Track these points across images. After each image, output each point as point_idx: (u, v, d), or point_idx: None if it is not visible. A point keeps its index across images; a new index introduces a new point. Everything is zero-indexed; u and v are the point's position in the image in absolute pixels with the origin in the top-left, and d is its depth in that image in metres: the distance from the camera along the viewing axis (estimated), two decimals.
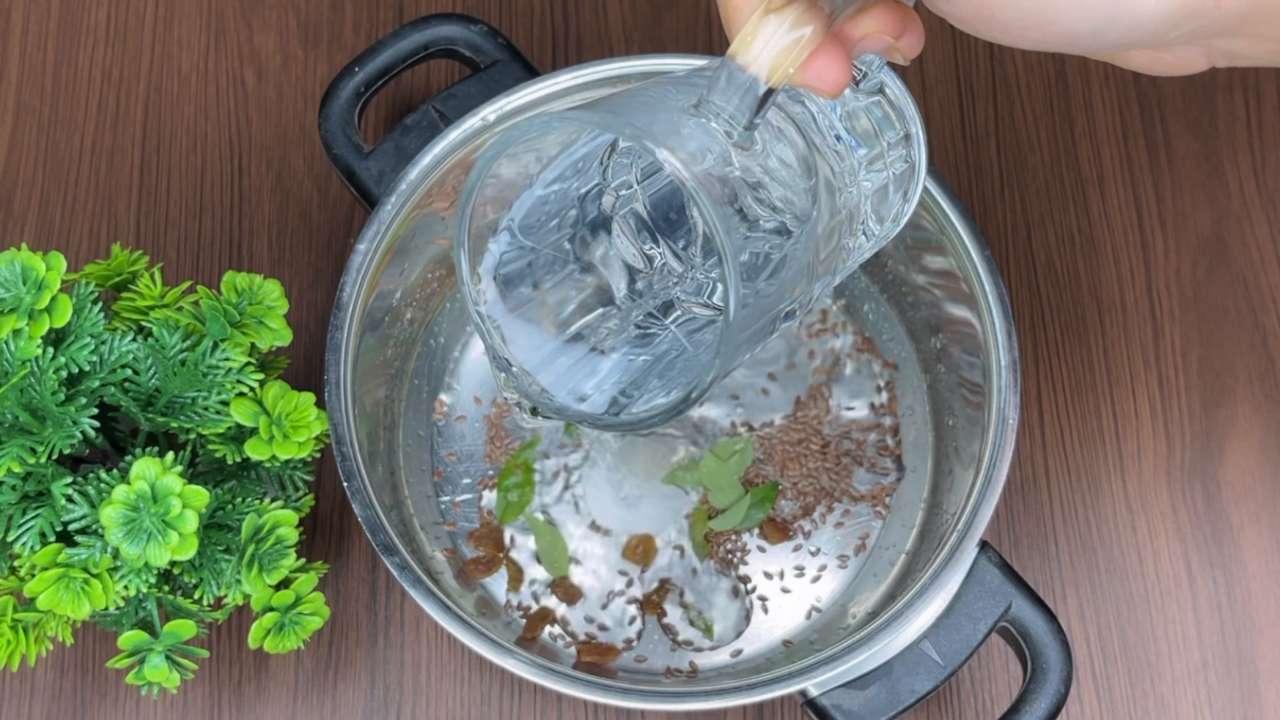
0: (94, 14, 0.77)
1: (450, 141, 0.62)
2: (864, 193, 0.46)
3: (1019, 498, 0.68)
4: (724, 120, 0.39)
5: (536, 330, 0.47)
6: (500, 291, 0.46)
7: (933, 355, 0.66)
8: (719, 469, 0.67)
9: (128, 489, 0.52)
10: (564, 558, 0.66)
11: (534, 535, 0.66)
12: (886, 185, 0.47)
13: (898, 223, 0.48)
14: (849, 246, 0.45)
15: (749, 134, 0.40)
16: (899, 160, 0.47)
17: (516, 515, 0.66)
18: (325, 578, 0.66)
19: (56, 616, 0.57)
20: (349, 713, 0.65)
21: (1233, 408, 0.70)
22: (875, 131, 0.46)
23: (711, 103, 0.39)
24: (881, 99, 0.47)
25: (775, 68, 0.38)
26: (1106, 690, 0.65)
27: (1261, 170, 0.73)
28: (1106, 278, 0.72)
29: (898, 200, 0.48)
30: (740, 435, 0.67)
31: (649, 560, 0.65)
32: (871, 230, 0.47)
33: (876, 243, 0.48)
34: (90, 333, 0.55)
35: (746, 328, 0.40)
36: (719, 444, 0.67)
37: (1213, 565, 0.67)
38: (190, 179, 0.74)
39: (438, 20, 0.65)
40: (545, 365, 0.46)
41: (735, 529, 0.66)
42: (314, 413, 0.57)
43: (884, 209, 0.47)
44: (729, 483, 0.67)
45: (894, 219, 0.48)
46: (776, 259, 0.41)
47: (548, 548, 0.66)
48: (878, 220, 0.47)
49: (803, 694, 0.56)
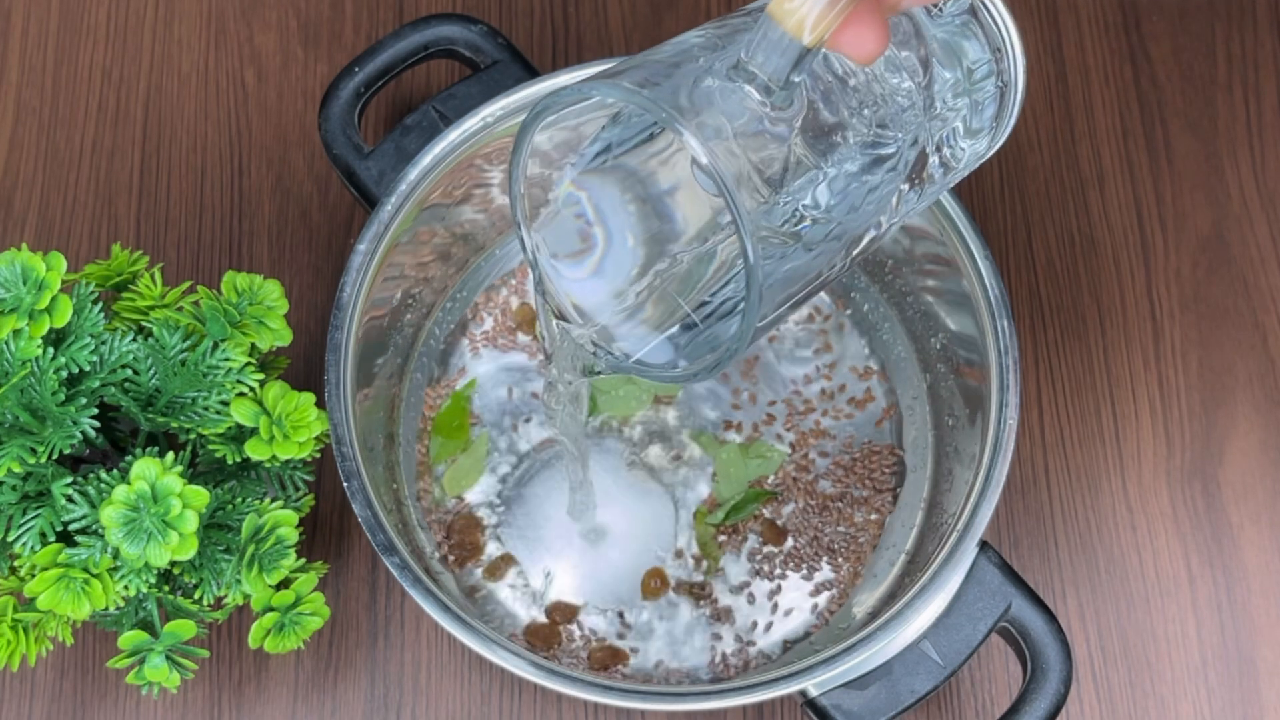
0: (94, 14, 0.77)
1: (450, 141, 0.62)
2: (947, 118, 0.45)
3: (1019, 498, 0.68)
4: (760, 84, 0.39)
5: (595, 278, 0.46)
6: (557, 239, 0.45)
7: (933, 355, 0.66)
8: (737, 463, 0.67)
9: (128, 489, 0.52)
10: (470, 480, 0.66)
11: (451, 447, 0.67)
12: (980, 106, 0.46)
13: (994, 145, 0.47)
14: (930, 178, 0.44)
15: (787, 94, 0.39)
16: (989, 79, 0.46)
17: (449, 454, 0.67)
18: (325, 578, 0.66)
19: (56, 616, 0.57)
20: (349, 713, 0.65)
21: (1233, 408, 0.70)
22: (957, 56, 0.45)
23: (748, 67, 0.39)
24: (972, 18, 0.45)
25: (815, 25, 0.37)
26: (1106, 690, 0.65)
27: (1261, 170, 0.73)
28: (1106, 278, 0.72)
29: (991, 121, 0.46)
30: (779, 450, 0.67)
31: (663, 593, 0.65)
32: (960, 154, 0.46)
33: (968, 166, 0.47)
34: (90, 333, 0.55)
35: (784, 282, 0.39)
36: (757, 443, 0.67)
37: (1213, 565, 0.67)
38: (190, 179, 0.74)
39: (438, 20, 0.65)
40: (602, 313, 0.46)
41: (724, 523, 0.66)
42: (314, 413, 0.57)
43: (976, 133, 0.46)
44: (739, 479, 0.67)
45: (991, 140, 0.47)
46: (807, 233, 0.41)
47: (466, 467, 0.67)
48: (969, 137, 0.46)
49: (803, 694, 0.56)
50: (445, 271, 0.68)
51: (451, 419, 0.68)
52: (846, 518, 0.66)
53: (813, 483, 0.67)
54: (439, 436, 0.68)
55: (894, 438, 0.68)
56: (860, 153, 0.42)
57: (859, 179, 0.42)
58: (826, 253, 0.42)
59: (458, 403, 0.68)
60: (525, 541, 0.66)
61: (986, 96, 0.46)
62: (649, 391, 0.68)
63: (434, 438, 0.68)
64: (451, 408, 0.68)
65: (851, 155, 0.42)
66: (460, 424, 0.68)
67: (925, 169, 0.45)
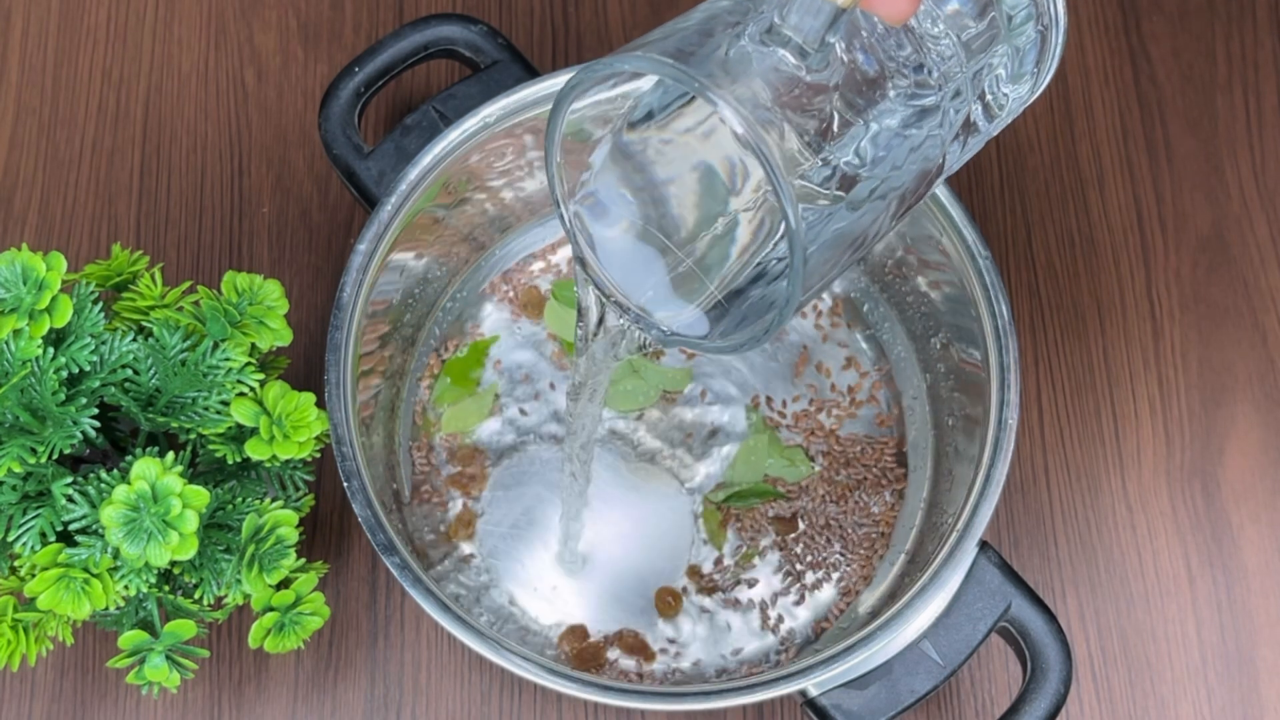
0: (94, 14, 0.77)
1: (450, 141, 0.62)
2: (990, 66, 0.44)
3: (1019, 498, 0.68)
4: (795, 46, 0.39)
5: (635, 250, 0.46)
6: (596, 212, 0.45)
7: (933, 355, 0.66)
8: (761, 454, 0.67)
9: (128, 489, 0.52)
10: (472, 422, 0.67)
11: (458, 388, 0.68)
12: (1021, 51, 0.45)
13: (1037, 88, 0.46)
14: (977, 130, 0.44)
15: (822, 56, 0.39)
16: (1028, 24, 0.45)
17: (453, 399, 0.68)
18: (325, 578, 0.66)
19: (57, 616, 0.57)
20: (349, 713, 0.65)
21: (1232, 408, 0.70)
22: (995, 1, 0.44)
23: (782, 31, 0.39)
24: None
25: None
26: (1106, 690, 0.65)
27: (1261, 170, 0.73)
28: (1106, 278, 0.72)
29: (1033, 65, 0.46)
30: (808, 465, 0.67)
31: (677, 611, 0.65)
32: (1003, 100, 0.45)
33: (1012, 112, 0.46)
34: (90, 333, 0.55)
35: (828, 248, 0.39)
36: (792, 448, 0.67)
37: (1212, 565, 0.67)
38: (190, 179, 0.74)
39: (438, 20, 0.65)
40: (644, 286, 0.45)
41: (724, 504, 0.66)
42: (314, 413, 0.57)
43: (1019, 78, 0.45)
44: (756, 469, 0.67)
45: (1034, 84, 0.46)
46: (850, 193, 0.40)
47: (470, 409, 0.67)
48: (1013, 82, 0.45)
49: (802, 694, 0.56)
50: (446, 270, 0.68)
51: (466, 366, 0.68)
52: (861, 507, 0.66)
53: (821, 481, 0.67)
54: (447, 378, 0.68)
55: (895, 437, 0.68)
56: (902, 106, 0.41)
57: (902, 134, 0.42)
58: (872, 211, 0.42)
59: (476, 351, 0.68)
60: (512, 564, 0.66)
61: (1028, 41, 0.45)
62: (656, 388, 0.68)
63: (442, 378, 0.68)
64: (469, 356, 0.69)
65: (893, 110, 0.41)
66: (472, 373, 0.68)
67: (970, 118, 0.45)
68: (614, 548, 0.66)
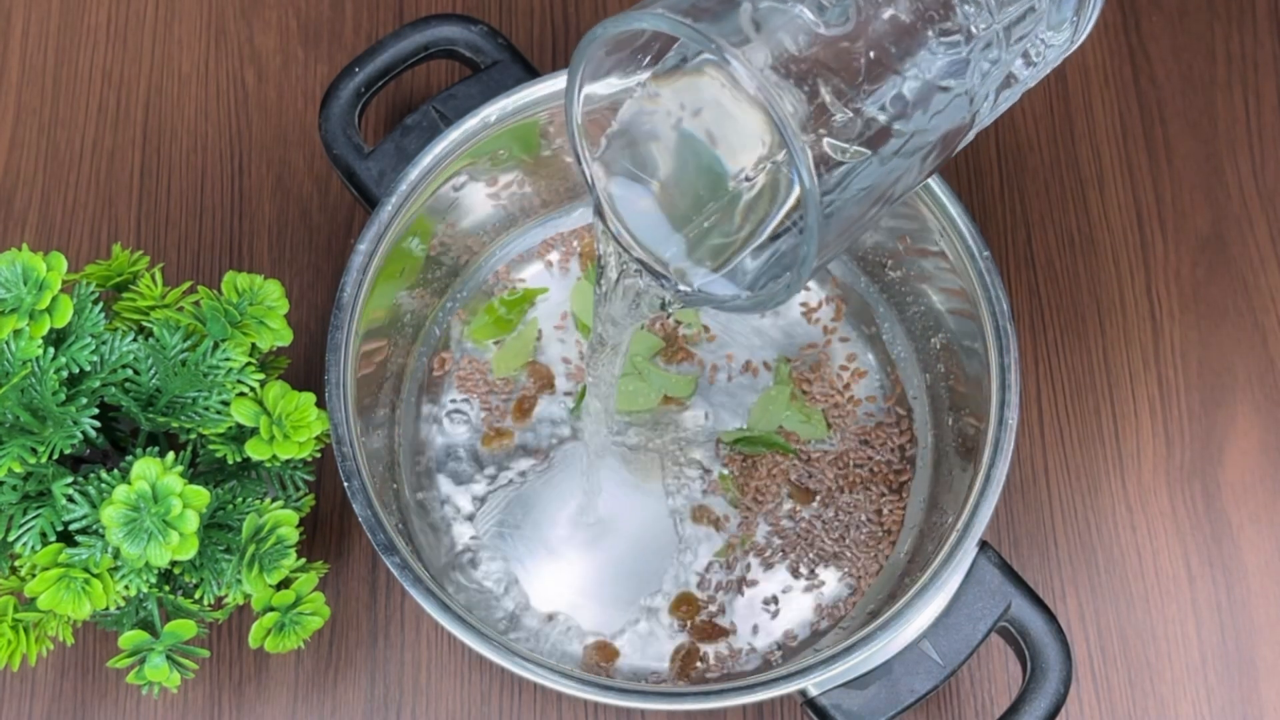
0: (94, 14, 0.77)
1: (450, 141, 0.62)
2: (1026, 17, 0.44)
3: (1019, 498, 0.68)
4: (813, 1, 0.38)
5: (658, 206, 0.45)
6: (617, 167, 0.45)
7: (933, 355, 0.67)
8: (779, 405, 0.67)
9: (128, 489, 0.52)
10: (519, 362, 0.68)
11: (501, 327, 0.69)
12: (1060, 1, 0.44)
13: (1077, 38, 0.46)
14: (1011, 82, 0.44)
15: (841, 10, 0.39)
16: None
17: (489, 336, 0.69)
18: (325, 578, 0.66)
19: (57, 616, 0.57)
20: (349, 713, 0.65)
21: (1232, 408, 0.70)
22: None
23: None
24: None
25: None
26: (1106, 690, 0.65)
27: (1261, 170, 0.74)
28: (1106, 278, 0.72)
29: (1073, 13, 0.45)
30: (822, 426, 0.67)
31: (694, 615, 0.65)
32: (1042, 50, 0.45)
33: (1052, 61, 0.46)
34: (91, 333, 0.55)
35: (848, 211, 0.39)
36: (812, 408, 0.68)
37: (1212, 565, 0.67)
38: (190, 179, 0.74)
39: (438, 21, 0.65)
40: (667, 243, 0.45)
41: (734, 446, 0.67)
42: (314, 413, 0.57)
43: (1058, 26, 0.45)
44: (772, 418, 0.67)
45: (1074, 33, 0.46)
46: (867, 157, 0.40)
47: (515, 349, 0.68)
48: (1052, 30, 0.45)
49: (802, 694, 0.56)
50: (445, 270, 0.68)
51: (510, 307, 0.69)
52: (863, 505, 0.66)
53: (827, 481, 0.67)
54: (487, 317, 0.69)
55: (895, 437, 0.68)
56: (931, 58, 0.41)
57: (933, 85, 0.41)
58: (901, 165, 0.41)
59: (526, 296, 0.69)
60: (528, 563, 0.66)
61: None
62: (658, 390, 0.68)
63: (481, 315, 0.69)
64: (520, 298, 0.69)
65: (924, 62, 0.41)
66: (514, 315, 0.69)
67: (1009, 71, 0.44)
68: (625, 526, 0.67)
